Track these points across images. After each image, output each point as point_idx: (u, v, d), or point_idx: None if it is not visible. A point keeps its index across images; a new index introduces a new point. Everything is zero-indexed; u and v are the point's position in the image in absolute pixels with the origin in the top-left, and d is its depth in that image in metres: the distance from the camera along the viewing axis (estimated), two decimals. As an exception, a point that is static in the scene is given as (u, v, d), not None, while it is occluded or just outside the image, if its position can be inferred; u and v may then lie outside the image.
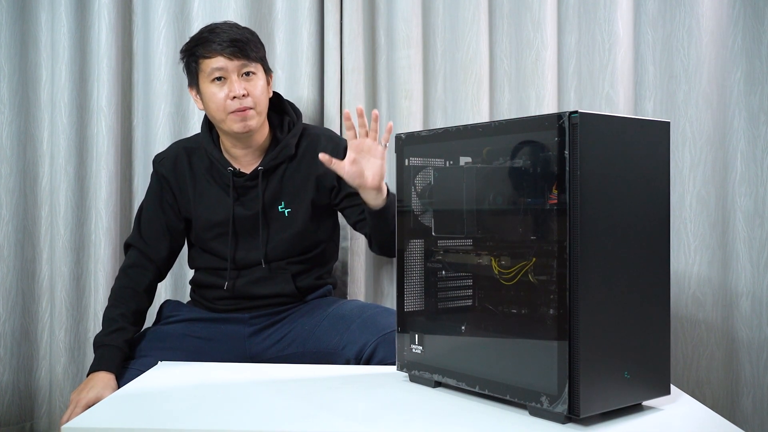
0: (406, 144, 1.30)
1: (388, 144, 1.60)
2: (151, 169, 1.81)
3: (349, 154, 1.59)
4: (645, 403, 1.13)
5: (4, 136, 2.06)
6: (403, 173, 1.30)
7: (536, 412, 1.06)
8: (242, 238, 1.75)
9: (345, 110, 1.62)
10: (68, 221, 2.03)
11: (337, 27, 2.01)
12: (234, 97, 1.64)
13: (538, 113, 1.84)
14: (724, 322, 2.00)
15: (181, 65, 1.74)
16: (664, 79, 2.01)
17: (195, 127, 2.01)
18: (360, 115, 1.58)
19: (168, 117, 2.05)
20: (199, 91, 1.70)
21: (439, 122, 2.04)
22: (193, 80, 1.70)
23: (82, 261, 2.06)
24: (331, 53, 2.00)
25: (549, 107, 1.97)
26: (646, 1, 2.02)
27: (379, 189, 1.59)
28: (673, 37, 1.99)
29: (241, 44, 1.65)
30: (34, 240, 2.09)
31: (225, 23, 1.69)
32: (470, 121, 1.97)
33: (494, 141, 1.15)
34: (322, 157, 1.59)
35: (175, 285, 2.08)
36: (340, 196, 1.77)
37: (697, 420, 1.09)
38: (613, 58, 1.96)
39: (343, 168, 1.58)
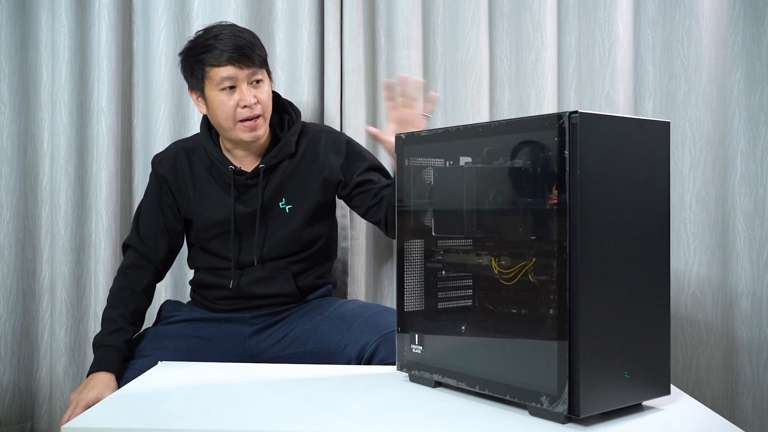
0: (406, 144, 1.30)
1: (431, 115, 1.66)
2: (150, 169, 1.81)
3: (391, 126, 1.68)
4: (645, 403, 1.13)
5: (4, 136, 2.06)
6: (403, 173, 1.30)
7: (536, 412, 1.06)
8: (243, 237, 1.75)
9: (385, 80, 1.72)
10: (68, 221, 2.03)
11: (337, 27, 2.01)
12: (245, 106, 1.64)
13: (538, 113, 1.84)
14: (723, 322, 2.00)
15: (179, 68, 1.73)
16: (664, 79, 2.01)
17: (195, 127, 2.01)
18: (403, 83, 1.66)
19: (168, 117, 2.05)
20: (203, 96, 1.69)
21: (439, 122, 2.04)
22: (198, 85, 1.69)
23: (82, 261, 2.06)
24: (331, 53, 2.00)
25: (549, 107, 1.97)
26: (646, 1, 2.02)
27: None
28: (673, 37, 1.99)
29: (249, 51, 1.64)
30: (34, 240, 2.10)
31: (224, 26, 1.67)
32: (470, 121, 1.97)
33: (494, 141, 1.15)
34: (369, 129, 1.76)
35: (175, 285, 2.08)
36: (350, 186, 1.77)
37: (697, 420, 1.09)
38: (613, 58, 1.96)
39: (386, 140, 1.69)
